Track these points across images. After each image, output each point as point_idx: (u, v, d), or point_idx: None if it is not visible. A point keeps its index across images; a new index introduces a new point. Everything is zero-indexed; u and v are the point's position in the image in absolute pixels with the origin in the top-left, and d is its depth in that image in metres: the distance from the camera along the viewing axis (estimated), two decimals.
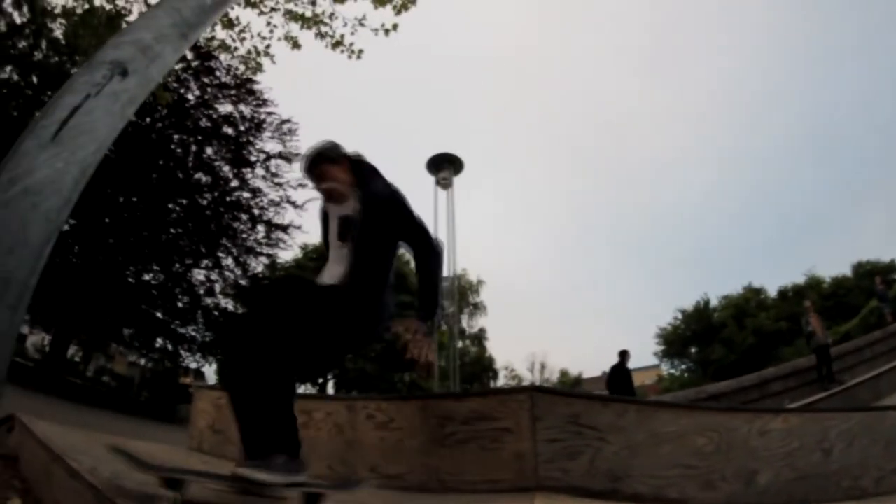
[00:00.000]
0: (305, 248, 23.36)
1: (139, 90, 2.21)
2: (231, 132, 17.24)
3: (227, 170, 17.60)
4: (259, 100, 17.23)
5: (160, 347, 19.16)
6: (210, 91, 16.52)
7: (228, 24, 6.96)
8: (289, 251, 19.81)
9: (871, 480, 2.67)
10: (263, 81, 16.61)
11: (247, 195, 17.97)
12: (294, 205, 18.00)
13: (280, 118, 17.66)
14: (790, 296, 35.25)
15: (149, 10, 2.57)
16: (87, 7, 6.70)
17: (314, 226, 2.55)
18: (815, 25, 79.52)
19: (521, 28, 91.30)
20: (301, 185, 17.43)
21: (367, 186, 2.31)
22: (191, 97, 16.34)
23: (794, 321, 22.60)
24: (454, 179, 17.18)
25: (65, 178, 1.83)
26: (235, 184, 17.81)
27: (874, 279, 14.69)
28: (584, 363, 66.62)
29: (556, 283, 78.05)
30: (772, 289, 38.28)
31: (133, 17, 6.23)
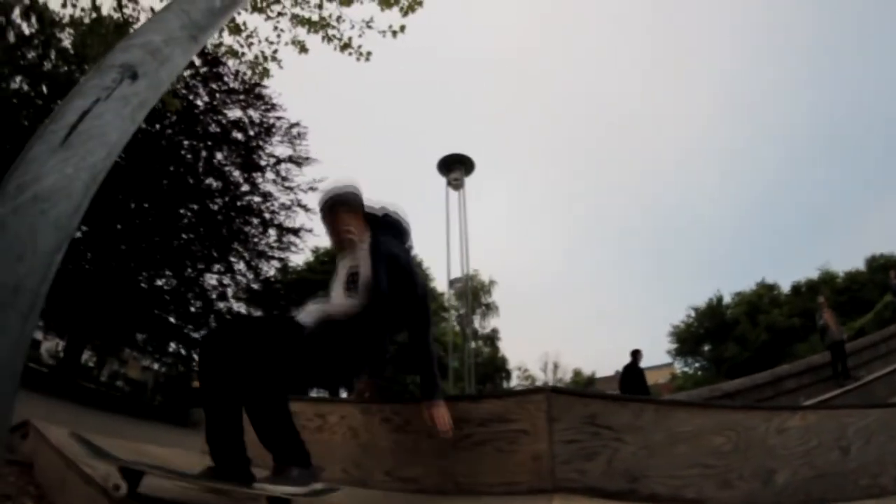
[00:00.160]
0: (317, 252, 23.36)
1: (149, 93, 2.19)
2: (240, 137, 17.33)
3: (238, 174, 17.67)
4: (268, 104, 17.30)
5: (173, 352, 19.40)
6: (219, 97, 16.59)
7: (236, 30, 6.98)
8: (300, 255, 19.89)
9: (890, 478, 2.61)
10: (271, 86, 16.69)
11: (257, 199, 18.05)
12: (305, 208, 18.05)
13: (289, 122, 17.73)
14: (803, 291, 34.86)
15: (157, 13, 2.55)
16: (95, 16, 6.75)
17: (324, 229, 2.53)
18: (816, 23, 78.77)
19: (524, 30, 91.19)
20: (311, 189, 17.58)
21: (378, 247, 2.28)
22: (200, 103, 16.43)
23: (808, 317, 22.30)
24: (465, 180, 16.98)
25: (75, 184, 1.82)
26: (246, 188, 17.90)
27: (888, 273, 14.44)
28: (597, 363, 66.25)
29: (567, 284, 77.88)
30: (785, 284, 37.85)
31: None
